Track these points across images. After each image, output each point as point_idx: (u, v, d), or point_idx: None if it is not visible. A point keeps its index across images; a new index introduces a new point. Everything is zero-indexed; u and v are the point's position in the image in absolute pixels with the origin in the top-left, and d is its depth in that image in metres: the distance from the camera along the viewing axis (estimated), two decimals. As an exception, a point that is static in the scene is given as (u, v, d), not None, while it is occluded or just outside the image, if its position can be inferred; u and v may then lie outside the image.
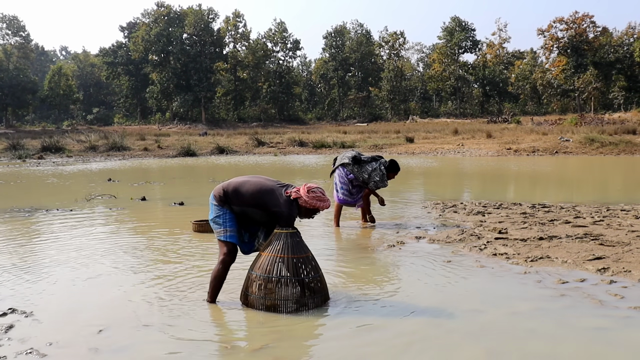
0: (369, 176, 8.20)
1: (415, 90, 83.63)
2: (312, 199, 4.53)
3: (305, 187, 4.58)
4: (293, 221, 4.58)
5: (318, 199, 4.55)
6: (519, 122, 49.26)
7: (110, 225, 8.83)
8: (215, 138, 41.26)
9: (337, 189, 8.45)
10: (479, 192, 13.97)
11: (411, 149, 32.52)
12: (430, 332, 4.00)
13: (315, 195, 4.55)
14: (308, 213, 4.66)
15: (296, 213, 4.61)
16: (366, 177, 8.21)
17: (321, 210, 4.67)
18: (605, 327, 4.10)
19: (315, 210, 4.63)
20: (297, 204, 4.59)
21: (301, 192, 4.55)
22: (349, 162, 8.25)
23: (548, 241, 6.92)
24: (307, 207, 4.59)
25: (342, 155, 8.57)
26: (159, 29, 74.20)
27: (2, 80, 69.36)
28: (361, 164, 8.25)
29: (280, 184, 4.69)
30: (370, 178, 8.20)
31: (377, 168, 8.22)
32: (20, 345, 3.78)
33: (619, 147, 28.52)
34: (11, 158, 29.70)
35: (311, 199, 4.53)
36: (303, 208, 4.60)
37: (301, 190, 4.56)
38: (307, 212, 4.64)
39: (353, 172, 8.25)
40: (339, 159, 8.54)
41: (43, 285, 5.30)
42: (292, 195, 4.55)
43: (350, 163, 8.24)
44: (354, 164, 8.23)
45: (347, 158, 8.31)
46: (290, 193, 4.57)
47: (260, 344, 3.81)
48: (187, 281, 5.36)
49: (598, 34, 69.65)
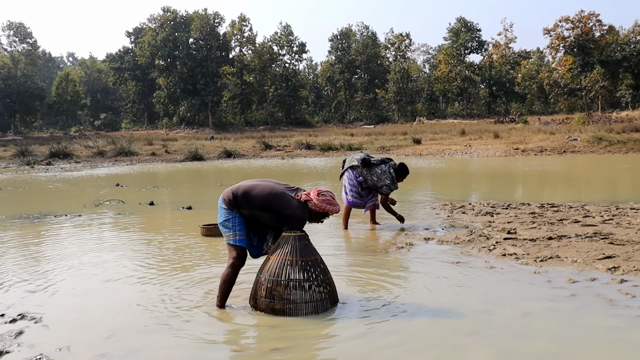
0: (378, 179, 8.16)
1: (422, 91, 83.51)
2: (322, 202, 4.53)
3: (316, 190, 4.59)
4: (304, 224, 4.57)
5: (328, 202, 4.55)
6: (526, 122, 49.10)
7: (119, 230, 8.85)
8: (222, 142, 41.38)
9: (347, 191, 8.42)
10: (487, 192, 13.93)
11: (418, 150, 32.47)
12: (440, 333, 3.98)
13: (325, 199, 4.55)
14: (317, 217, 4.66)
15: (307, 216, 4.61)
16: (375, 179, 8.17)
17: (330, 215, 4.67)
18: (617, 326, 4.06)
19: (325, 214, 4.63)
20: (307, 208, 4.59)
21: (311, 195, 4.56)
22: (358, 165, 8.23)
23: (557, 241, 6.88)
24: (316, 211, 4.59)
25: (350, 157, 8.53)
26: (165, 34, 74.47)
27: (10, 87, 69.80)
28: (370, 167, 8.21)
29: (290, 188, 4.69)
30: (380, 181, 8.16)
31: (387, 171, 8.19)
32: (29, 351, 3.78)
33: (627, 146, 28.40)
34: (20, 164, 29.87)
35: (321, 202, 4.53)
36: (313, 212, 4.60)
37: (311, 194, 4.56)
38: (316, 215, 4.64)
39: (362, 174, 8.22)
40: (347, 161, 8.51)
41: (52, 291, 5.31)
42: (303, 198, 4.55)
43: (359, 165, 8.22)
44: (363, 167, 8.21)
45: (356, 160, 8.27)
46: (301, 196, 4.57)
47: (270, 347, 3.80)
48: (196, 285, 5.36)
49: (604, 32, 69.39)
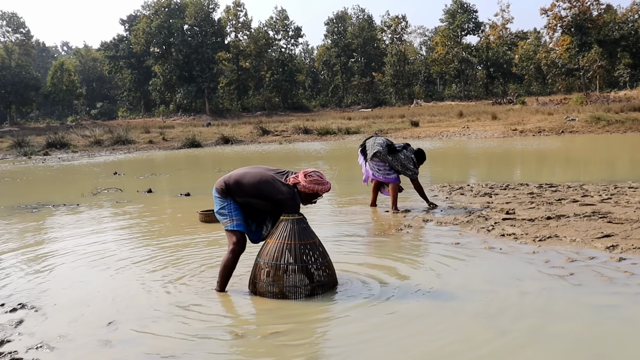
0: (402, 165, 8.18)
1: (419, 74, 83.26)
2: (311, 182, 4.54)
3: (303, 172, 4.60)
4: (298, 208, 4.58)
5: (316, 182, 4.56)
6: (524, 102, 49.02)
7: (117, 219, 8.84)
8: (219, 128, 41.29)
9: (369, 168, 8.36)
10: (485, 173, 13.92)
11: (416, 133, 32.40)
12: (440, 314, 3.99)
13: (313, 179, 4.55)
14: (309, 198, 4.67)
15: (299, 199, 4.62)
16: (400, 166, 8.18)
17: (322, 194, 4.67)
18: (616, 304, 4.08)
19: (316, 194, 4.64)
20: (297, 191, 4.59)
21: (299, 178, 4.56)
22: (379, 152, 8.15)
23: (556, 220, 6.89)
24: (307, 193, 4.59)
25: (371, 141, 8.43)
26: (159, 21, 73.93)
27: (5, 78, 69.35)
28: (395, 153, 8.19)
29: (280, 172, 4.70)
30: (405, 167, 8.19)
31: (409, 156, 8.21)
32: (30, 339, 3.79)
33: (625, 125, 28.36)
34: (17, 155, 29.77)
35: (309, 184, 4.53)
36: (303, 194, 4.61)
37: (299, 176, 4.57)
38: (307, 197, 4.65)
39: (387, 161, 8.18)
40: (368, 146, 8.41)
41: (51, 279, 5.32)
42: (291, 182, 4.55)
43: (381, 153, 8.15)
44: (388, 153, 8.17)
45: (379, 145, 8.20)
46: (290, 180, 4.58)
47: (270, 331, 3.81)
48: (195, 271, 5.36)
49: (602, 11, 68.82)
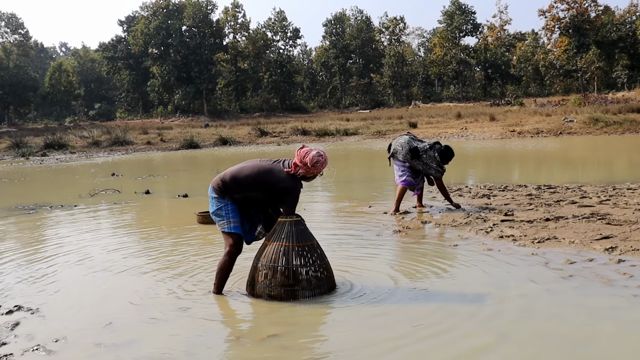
0: (425, 164, 8.15)
1: (417, 75, 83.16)
2: (310, 161, 4.45)
3: (299, 157, 4.50)
4: (299, 192, 4.55)
5: (319, 163, 4.48)
6: (522, 104, 49.00)
7: (115, 220, 8.82)
8: (218, 129, 41.25)
9: (399, 174, 8.36)
10: (483, 175, 13.92)
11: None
12: (438, 317, 3.97)
13: (311, 159, 4.46)
14: (312, 177, 4.62)
15: (301, 184, 4.59)
16: (423, 166, 8.16)
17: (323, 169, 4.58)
18: (615, 306, 4.06)
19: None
20: (297, 176, 4.54)
21: (297, 162, 4.49)
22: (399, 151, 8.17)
23: (555, 222, 6.88)
24: (307, 174, 4.54)
25: (395, 141, 8.42)
26: (158, 22, 73.81)
27: (3, 79, 69.17)
28: (419, 156, 8.16)
29: (276, 161, 4.66)
30: (427, 166, 8.17)
31: (432, 156, 8.16)
32: (26, 342, 3.76)
33: (623, 126, 28.39)
34: (14, 156, 29.73)
35: (314, 168, 4.48)
36: (305, 176, 4.55)
37: (297, 161, 4.49)
38: (310, 177, 4.61)
39: (410, 162, 8.18)
40: (393, 146, 8.39)
41: (48, 281, 5.29)
42: (292, 170, 4.51)
43: (403, 153, 8.15)
44: (412, 158, 8.16)
45: (400, 146, 8.20)
46: (290, 165, 4.54)
47: (268, 333, 3.79)
48: (192, 273, 5.34)
49: (600, 12, 68.85)
